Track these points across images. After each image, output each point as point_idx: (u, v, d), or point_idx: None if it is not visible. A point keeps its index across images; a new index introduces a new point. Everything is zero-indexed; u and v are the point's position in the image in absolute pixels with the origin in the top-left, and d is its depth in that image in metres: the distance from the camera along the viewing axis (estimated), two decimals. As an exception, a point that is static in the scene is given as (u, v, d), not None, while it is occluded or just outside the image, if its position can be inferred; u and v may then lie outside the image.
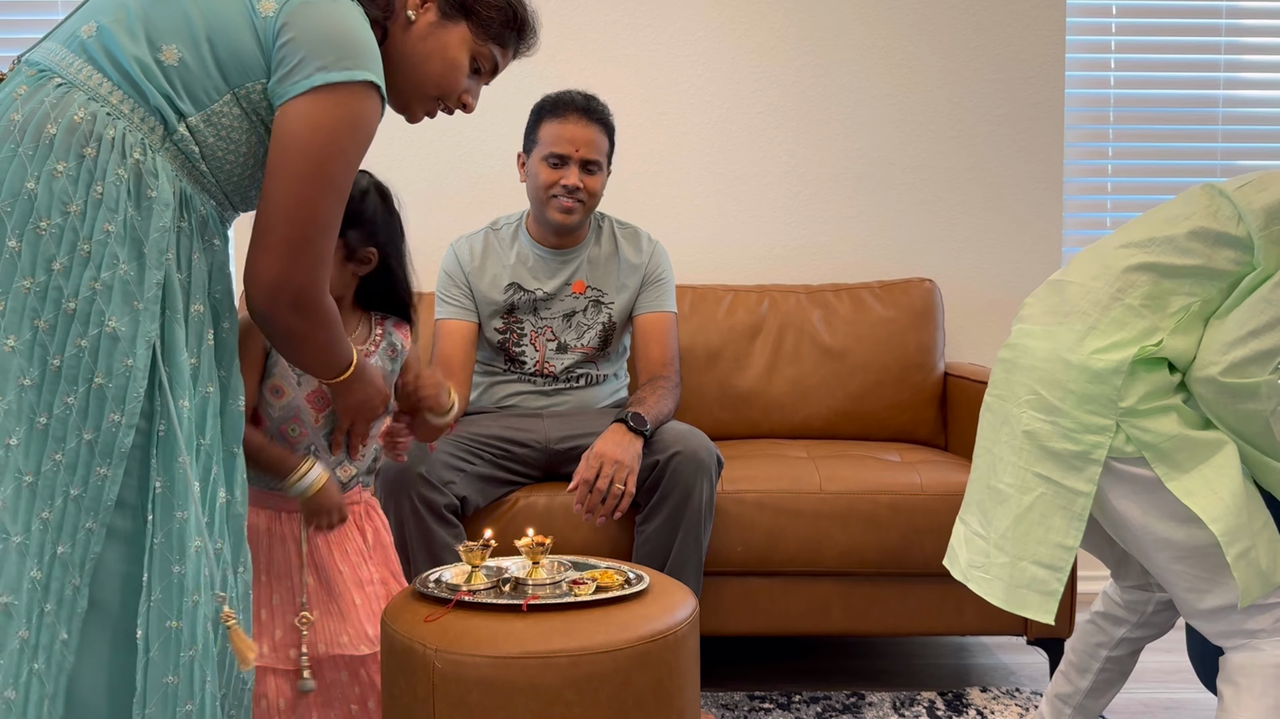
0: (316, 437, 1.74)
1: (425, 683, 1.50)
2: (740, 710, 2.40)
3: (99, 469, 1.25)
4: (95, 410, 1.24)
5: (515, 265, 2.56)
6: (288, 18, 1.29)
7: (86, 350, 1.24)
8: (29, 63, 1.32)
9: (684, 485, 2.25)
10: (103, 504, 1.25)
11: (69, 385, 1.23)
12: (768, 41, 3.26)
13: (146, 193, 1.27)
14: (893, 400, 2.96)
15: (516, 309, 2.55)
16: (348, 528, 1.79)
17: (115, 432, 1.25)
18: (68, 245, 1.23)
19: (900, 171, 3.29)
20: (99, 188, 1.25)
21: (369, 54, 1.32)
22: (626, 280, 2.58)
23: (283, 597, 1.74)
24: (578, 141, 2.45)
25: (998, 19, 3.28)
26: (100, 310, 1.24)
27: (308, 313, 1.35)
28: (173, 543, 1.28)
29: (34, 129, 1.24)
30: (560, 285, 2.56)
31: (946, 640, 2.91)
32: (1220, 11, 3.33)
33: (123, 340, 1.25)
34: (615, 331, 2.59)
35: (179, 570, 1.28)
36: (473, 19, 1.48)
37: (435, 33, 1.46)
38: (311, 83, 1.28)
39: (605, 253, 2.59)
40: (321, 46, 1.28)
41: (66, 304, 1.23)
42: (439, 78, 1.48)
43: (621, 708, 1.50)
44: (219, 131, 1.31)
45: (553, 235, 2.54)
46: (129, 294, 1.25)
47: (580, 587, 1.65)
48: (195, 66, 1.29)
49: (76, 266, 1.24)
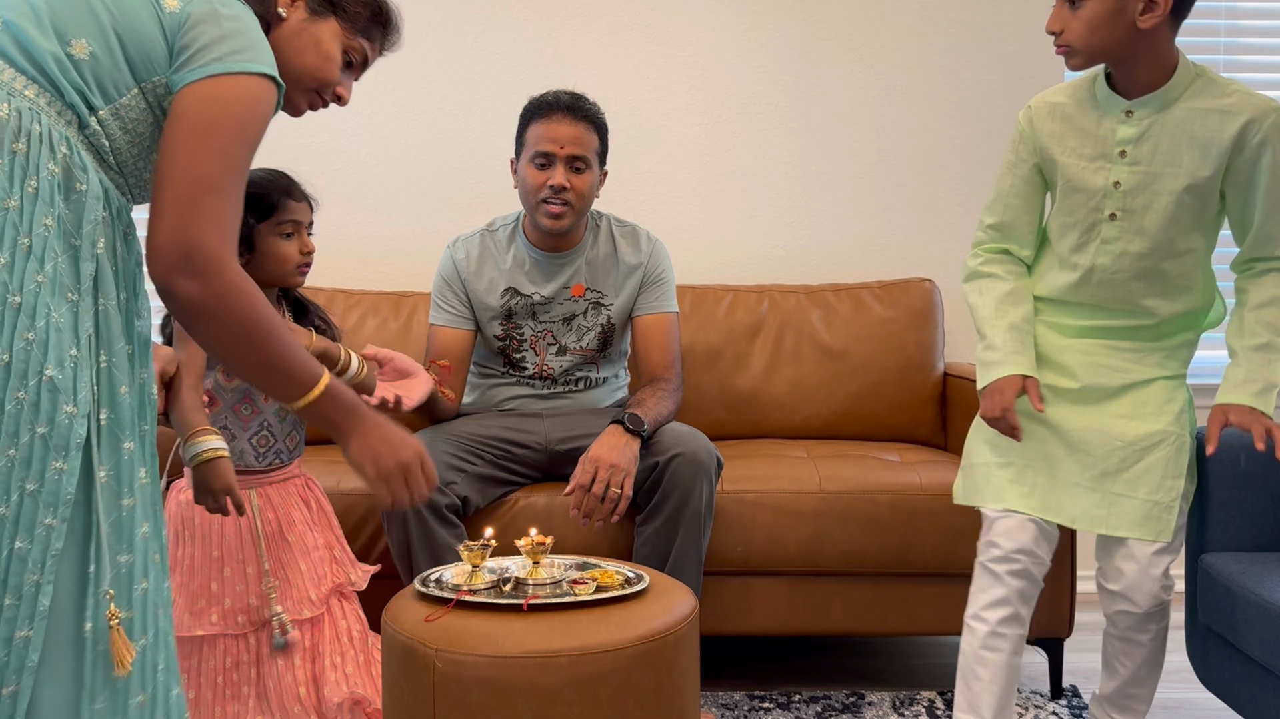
0: (269, 413, 1.94)
1: (425, 683, 1.50)
2: (740, 710, 2.40)
3: (54, 463, 1.24)
4: (48, 404, 1.23)
5: (512, 269, 2.53)
6: (191, 11, 1.33)
7: (34, 344, 1.23)
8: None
9: (684, 487, 2.25)
10: (61, 498, 1.24)
11: (19, 380, 1.22)
12: (768, 41, 3.26)
13: (76, 186, 1.27)
14: (892, 400, 2.96)
15: (514, 314, 2.53)
16: (292, 499, 1.97)
17: (69, 423, 1.24)
18: (9, 240, 1.23)
19: (900, 171, 3.29)
20: (33, 182, 1.25)
21: (264, 49, 1.37)
22: (625, 281, 2.55)
23: (233, 569, 1.89)
24: (562, 139, 2.40)
25: (998, 19, 3.28)
26: (45, 303, 1.23)
27: (206, 276, 1.27)
28: (121, 532, 1.28)
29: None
30: (558, 289, 2.52)
31: (946, 640, 2.91)
32: (1220, 12, 3.33)
33: (65, 332, 1.25)
34: (615, 333, 2.57)
35: (126, 559, 1.28)
36: (340, 14, 1.57)
37: (307, 28, 1.54)
38: (207, 71, 1.31)
39: (603, 254, 2.56)
40: (220, 42, 1.32)
41: (11, 299, 1.23)
42: (315, 70, 1.55)
43: (621, 708, 1.50)
44: (125, 125, 1.33)
45: (548, 238, 2.50)
46: (64, 287, 1.26)
47: (580, 586, 1.65)
48: (105, 60, 1.30)
49: (19, 260, 1.23)
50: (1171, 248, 1.89)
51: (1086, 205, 1.91)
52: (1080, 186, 1.91)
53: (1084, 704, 2.43)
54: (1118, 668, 2.02)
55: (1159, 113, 1.85)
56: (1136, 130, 1.86)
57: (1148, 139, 1.86)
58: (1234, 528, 2.09)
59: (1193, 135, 1.84)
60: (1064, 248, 1.96)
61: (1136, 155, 1.86)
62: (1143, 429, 1.92)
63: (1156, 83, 1.85)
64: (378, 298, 3.03)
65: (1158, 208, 1.87)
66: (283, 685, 1.88)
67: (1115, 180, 1.88)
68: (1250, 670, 1.96)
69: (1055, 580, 2.41)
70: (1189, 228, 1.88)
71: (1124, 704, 2.04)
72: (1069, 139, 1.92)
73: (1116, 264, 1.91)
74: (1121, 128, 1.87)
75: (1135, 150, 1.86)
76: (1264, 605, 1.85)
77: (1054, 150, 1.93)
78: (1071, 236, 1.95)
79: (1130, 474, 1.91)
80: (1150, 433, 1.92)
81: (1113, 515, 1.91)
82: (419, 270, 3.00)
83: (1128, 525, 1.91)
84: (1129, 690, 2.03)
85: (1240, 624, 1.93)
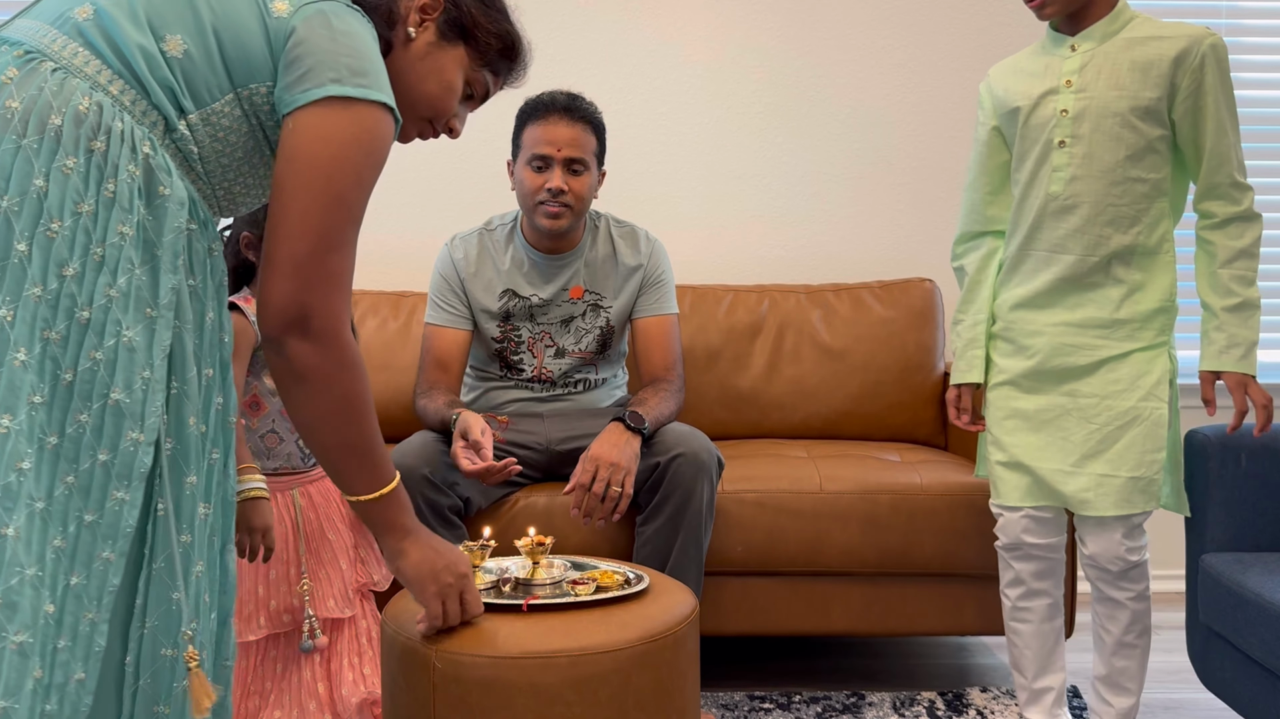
0: None
1: (425, 683, 1.50)
2: (740, 710, 2.40)
3: (115, 493, 1.15)
4: (112, 429, 1.15)
5: (510, 270, 2.51)
6: (301, 22, 1.22)
7: (101, 364, 1.14)
8: (8, 41, 1.20)
9: (685, 487, 2.24)
10: (121, 531, 1.16)
11: (82, 402, 1.14)
12: (768, 41, 3.26)
13: (159, 190, 1.18)
14: (893, 400, 2.96)
15: (512, 316, 2.51)
16: (331, 498, 1.97)
17: (134, 451, 1.15)
18: (80, 249, 1.14)
19: (900, 171, 3.29)
20: (110, 185, 1.15)
21: (382, 75, 1.26)
22: (625, 283, 2.54)
23: (279, 570, 1.90)
24: (559, 141, 2.38)
25: (998, 19, 3.27)
26: (116, 320, 1.14)
27: (321, 340, 1.23)
28: (174, 568, 1.21)
29: (37, 119, 1.13)
30: (557, 291, 2.51)
31: (946, 640, 2.91)
32: (1220, 12, 3.33)
33: (139, 352, 1.15)
34: (613, 335, 2.56)
35: (178, 597, 1.21)
36: (471, 43, 1.44)
37: (433, 53, 1.42)
38: (323, 92, 1.20)
39: (602, 255, 2.54)
40: (334, 58, 1.21)
41: (80, 314, 1.13)
42: (434, 99, 1.43)
43: (621, 708, 1.50)
44: (215, 132, 1.23)
45: (546, 240, 2.48)
46: (142, 301, 1.17)
47: (580, 587, 1.65)
48: (200, 61, 1.20)
49: (90, 273, 1.14)
50: (1120, 173, 1.96)
51: (1039, 138, 2.01)
52: (1034, 122, 2.01)
53: (1084, 705, 2.43)
54: (1103, 636, 2.06)
55: (1101, 43, 1.98)
56: (1080, 60, 1.98)
57: (1090, 67, 1.97)
58: (1234, 528, 2.09)
59: (1133, 60, 1.95)
60: (1020, 185, 2.06)
61: (1081, 83, 1.97)
62: (1116, 408, 1.98)
63: (1099, 18, 1.98)
64: (377, 298, 3.02)
65: (1103, 130, 1.96)
66: (301, 682, 1.90)
67: (1063, 108, 1.98)
68: (1250, 670, 1.96)
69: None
70: (1137, 155, 1.96)
71: (1115, 682, 2.07)
72: (1021, 85, 2.05)
73: (1067, 190, 1.98)
74: (1067, 60, 2.00)
75: (1079, 78, 1.98)
76: (1264, 605, 1.85)
77: (1008, 99, 2.06)
78: (1025, 170, 2.04)
79: (1112, 454, 1.97)
80: (1124, 410, 1.98)
81: (1099, 497, 1.97)
82: (418, 270, 3.00)
83: (1114, 504, 1.97)
84: (1116, 663, 2.06)
85: (1240, 624, 1.93)
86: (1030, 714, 2.16)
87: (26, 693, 1.09)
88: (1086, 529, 2.01)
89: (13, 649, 1.08)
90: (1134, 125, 1.94)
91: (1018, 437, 2.05)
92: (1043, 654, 2.14)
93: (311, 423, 1.29)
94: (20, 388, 1.11)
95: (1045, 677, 2.14)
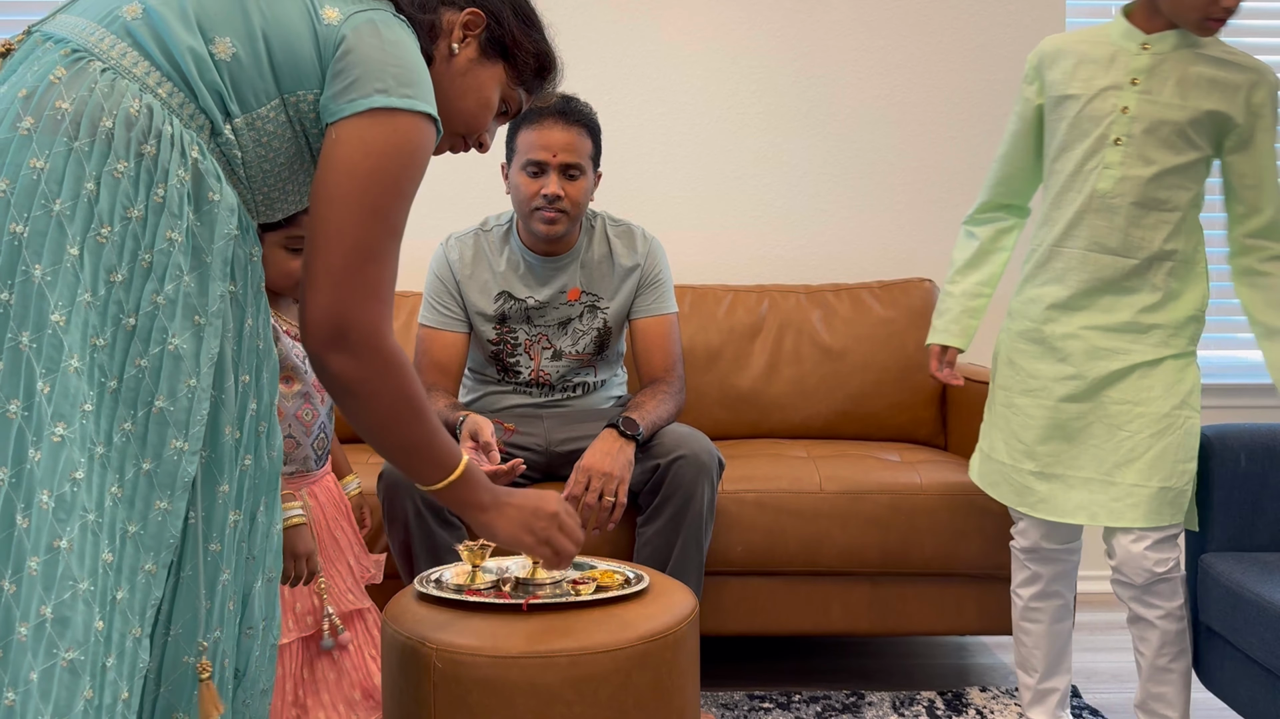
0: (323, 413, 1.94)
1: (425, 683, 1.50)
2: (740, 710, 2.40)
3: (158, 503, 1.14)
4: (155, 437, 1.14)
5: (505, 272, 2.49)
6: (351, 30, 1.21)
7: (146, 371, 1.13)
8: (54, 38, 1.18)
9: (685, 489, 2.24)
10: (164, 542, 1.14)
11: (126, 410, 1.13)
12: (767, 41, 3.26)
13: (208, 196, 1.17)
14: (893, 400, 2.96)
15: (508, 318, 2.49)
16: (333, 495, 1.97)
17: (178, 460, 1.14)
18: (129, 255, 1.12)
19: (900, 171, 3.29)
20: (160, 190, 1.14)
21: (427, 85, 1.26)
22: (622, 283, 2.51)
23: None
24: (554, 146, 2.34)
25: (998, 19, 3.28)
26: (162, 327, 1.13)
27: (361, 352, 1.22)
28: (202, 577, 1.20)
29: (88, 121, 1.12)
30: (554, 294, 2.49)
31: (946, 640, 2.91)
32: (1220, 11, 3.33)
33: (185, 359, 1.15)
34: (611, 335, 2.54)
35: (205, 606, 1.21)
36: (510, 61, 1.44)
37: (473, 69, 1.41)
38: (369, 103, 1.19)
39: (599, 255, 2.51)
40: (381, 69, 1.21)
41: (126, 320, 1.13)
42: (471, 115, 1.43)
43: (621, 708, 1.50)
44: (260, 137, 1.22)
45: (543, 243, 2.46)
46: (190, 309, 1.16)
47: (580, 586, 1.65)
48: (249, 64, 1.19)
49: (137, 279, 1.13)
50: (1168, 180, 1.95)
51: (1093, 132, 1.98)
52: (1090, 114, 1.98)
53: (1085, 704, 2.43)
54: (1139, 660, 2.03)
55: (1174, 50, 1.94)
56: (1151, 60, 1.95)
57: (1160, 70, 1.94)
58: (1234, 528, 2.09)
59: (1201, 73, 1.93)
60: (1061, 176, 2.01)
61: (1148, 85, 1.94)
62: (1149, 414, 1.95)
63: (1174, 25, 1.94)
64: (377, 298, 3.02)
65: (1159, 135, 1.94)
66: (341, 675, 1.91)
67: (1124, 105, 1.95)
68: (1250, 671, 1.96)
69: (1055, 580, 2.42)
70: (1184, 166, 1.95)
71: (1151, 709, 2.03)
72: (1081, 70, 2.00)
73: (1116, 189, 1.96)
74: (1136, 58, 1.95)
75: (1147, 80, 1.94)
76: (1264, 605, 1.85)
77: (1064, 84, 2.00)
78: (1070, 161, 2.00)
79: (1143, 463, 1.94)
80: (1159, 417, 1.95)
81: (1129, 508, 1.94)
82: (415, 270, 3.00)
83: (1144, 516, 1.94)
84: (1152, 689, 2.02)
85: (1241, 624, 1.93)
86: (1034, 714, 2.16)
87: (77, 713, 1.08)
88: (1114, 538, 1.98)
89: (64, 667, 1.07)
90: (1189, 138, 1.93)
91: (1052, 445, 2.02)
92: (1052, 655, 2.14)
93: (368, 430, 1.29)
94: (75, 395, 1.10)
95: (1052, 678, 2.15)
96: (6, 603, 1.05)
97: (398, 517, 2.20)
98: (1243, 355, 3.36)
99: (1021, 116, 2.10)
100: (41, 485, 1.07)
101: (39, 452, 1.07)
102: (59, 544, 1.07)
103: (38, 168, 1.10)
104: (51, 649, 1.06)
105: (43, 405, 1.07)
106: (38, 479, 1.07)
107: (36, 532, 1.06)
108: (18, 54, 1.19)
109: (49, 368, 1.08)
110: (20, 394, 1.07)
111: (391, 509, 2.19)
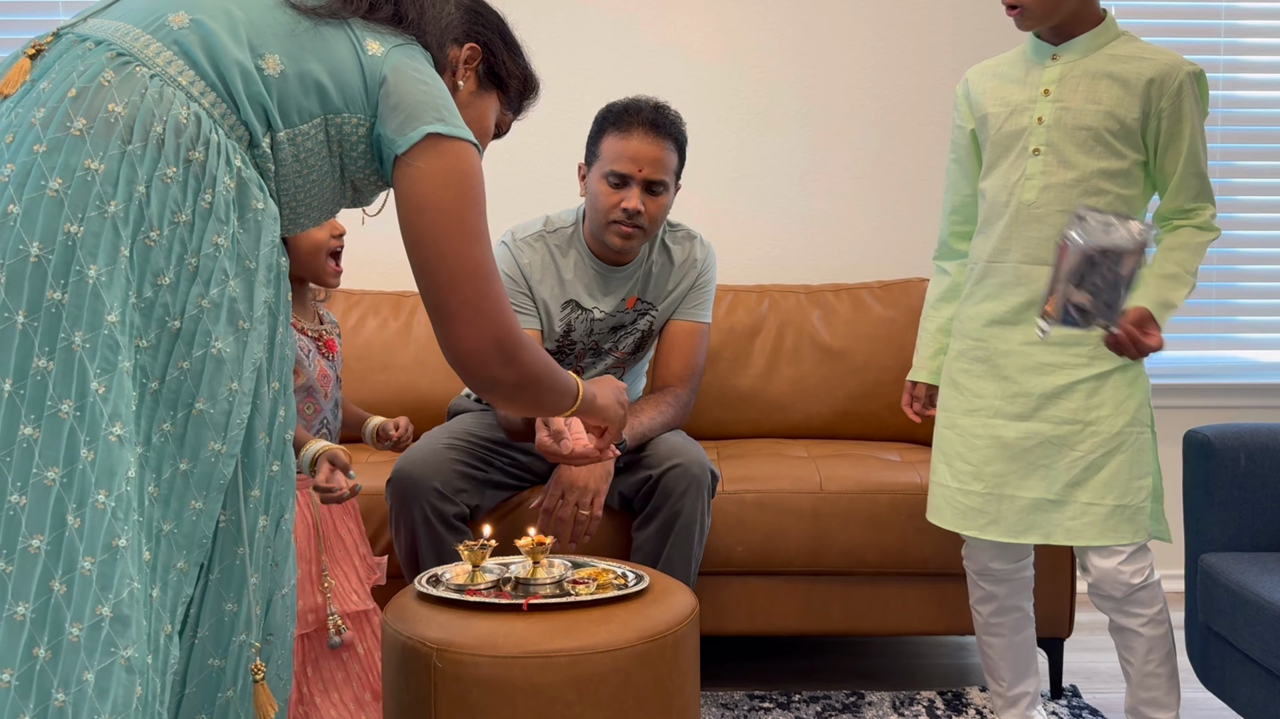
0: (326, 409, 1.95)
1: (425, 683, 1.50)
2: (740, 710, 2.40)
3: (193, 503, 1.16)
4: (194, 438, 1.15)
5: (572, 280, 2.38)
6: (391, 70, 1.26)
7: (188, 373, 1.15)
8: (92, 39, 1.18)
9: (675, 499, 2.21)
10: (196, 541, 1.16)
11: (166, 411, 1.14)
12: (767, 41, 3.26)
13: (252, 204, 1.19)
14: (893, 400, 2.95)
15: (572, 329, 2.41)
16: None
17: (214, 462, 1.16)
18: (175, 259, 1.14)
19: (900, 172, 3.29)
20: (207, 196, 1.16)
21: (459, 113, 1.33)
22: (674, 289, 2.45)
23: (301, 570, 1.89)
24: (641, 160, 2.24)
25: (998, 19, 3.26)
26: (206, 330, 1.15)
27: (517, 358, 1.33)
28: (230, 579, 1.21)
29: (140, 126, 1.13)
30: (617, 303, 2.42)
31: (946, 640, 2.91)
32: (1219, 12, 3.33)
33: (228, 363, 1.16)
34: (652, 338, 2.50)
35: (232, 608, 1.22)
36: (502, 89, 1.50)
37: (474, 101, 1.47)
38: (431, 129, 1.26)
39: (659, 264, 2.44)
40: (431, 99, 1.27)
41: (171, 323, 1.14)
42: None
43: (621, 708, 1.50)
44: (299, 153, 1.25)
45: (613, 253, 2.35)
46: (235, 314, 1.17)
47: (580, 586, 1.65)
48: (295, 83, 1.22)
49: (183, 282, 1.14)
50: (1093, 184, 1.94)
51: (1013, 146, 2.00)
52: (1009, 129, 2.00)
53: (1084, 704, 2.43)
54: (1126, 668, 2.02)
55: (1083, 56, 1.97)
56: (1062, 70, 1.97)
57: (1070, 78, 1.96)
58: (1234, 528, 2.09)
59: (1113, 74, 1.94)
60: (988, 193, 2.03)
61: (1059, 93, 1.96)
62: (1101, 433, 1.93)
63: (1084, 31, 1.97)
64: (378, 298, 3.03)
65: (1077, 140, 1.94)
66: (349, 676, 1.92)
67: (1039, 116, 1.97)
68: (1250, 670, 1.96)
69: (1055, 581, 2.41)
70: (1109, 171, 1.94)
71: (1142, 714, 2.02)
72: (998, 90, 2.04)
73: (1040, 198, 1.96)
74: (1048, 70, 1.98)
75: (1059, 89, 1.96)
76: (1264, 605, 1.85)
77: (986, 105, 2.04)
78: (995, 178, 2.02)
79: (1097, 481, 1.93)
80: (1110, 436, 1.93)
81: (1086, 527, 1.93)
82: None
83: (1101, 534, 1.93)
84: (1141, 695, 2.01)
85: (1240, 624, 1.93)
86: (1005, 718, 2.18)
87: (134, 712, 1.08)
88: (1086, 556, 1.98)
89: (122, 665, 1.08)
90: (1107, 141, 1.92)
91: (998, 465, 1.99)
92: (1018, 664, 2.15)
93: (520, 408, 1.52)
94: (129, 395, 1.11)
95: (1021, 683, 2.17)
96: (57, 604, 1.05)
97: (405, 521, 2.18)
98: (1243, 355, 3.36)
99: (957, 144, 2.14)
100: (98, 485, 1.07)
101: (92, 452, 1.08)
102: (118, 543, 1.08)
103: (92, 169, 1.11)
104: (110, 648, 1.07)
105: (98, 405, 1.08)
106: (91, 480, 1.07)
107: (91, 531, 1.07)
108: (50, 54, 1.19)
109: (104, 368, 1.09)
110: (73, 394, 1.08)
111: (399, 513, 2.19)
